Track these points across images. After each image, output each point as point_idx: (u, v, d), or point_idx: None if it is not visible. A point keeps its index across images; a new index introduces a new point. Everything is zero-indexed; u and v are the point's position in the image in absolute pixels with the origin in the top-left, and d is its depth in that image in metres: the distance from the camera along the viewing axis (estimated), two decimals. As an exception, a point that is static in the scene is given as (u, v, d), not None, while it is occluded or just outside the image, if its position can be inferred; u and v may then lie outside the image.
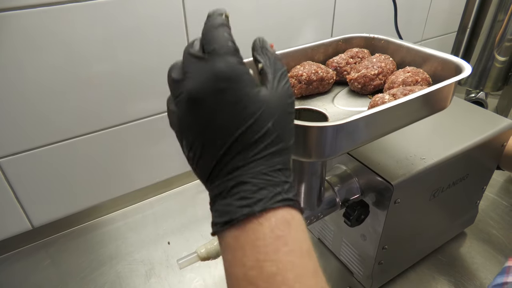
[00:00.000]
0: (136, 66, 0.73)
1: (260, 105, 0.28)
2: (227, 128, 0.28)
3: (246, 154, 0.28)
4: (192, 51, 0.30)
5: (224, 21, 0.31)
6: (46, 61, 0.64)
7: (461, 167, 0.60)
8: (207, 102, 0.28)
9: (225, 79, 0.28)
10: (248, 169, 0.28)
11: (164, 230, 0.82)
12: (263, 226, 0.27)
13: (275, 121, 0.29)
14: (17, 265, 0.75)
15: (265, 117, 0.28)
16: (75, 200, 0.80)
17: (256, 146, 0.28)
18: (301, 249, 0.28)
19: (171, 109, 0.31)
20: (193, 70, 0.29)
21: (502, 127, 0.61)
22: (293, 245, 0.28)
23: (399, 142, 0.59)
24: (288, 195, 0.29)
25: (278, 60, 0.32)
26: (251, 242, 0.27)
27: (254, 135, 0.28)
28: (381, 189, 0.52)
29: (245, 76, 0.28)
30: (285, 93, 0.30)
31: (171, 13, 0.71)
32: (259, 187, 0.28)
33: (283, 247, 0.27)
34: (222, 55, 0.28)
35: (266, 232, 0.27)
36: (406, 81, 0.48)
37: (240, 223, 0.28)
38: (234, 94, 0.28)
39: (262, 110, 0.28)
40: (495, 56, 0.94)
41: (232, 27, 0.32)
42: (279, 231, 0.28)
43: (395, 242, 0.60)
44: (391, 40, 0.58)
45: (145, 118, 0.79)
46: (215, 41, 0.29)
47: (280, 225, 0.28)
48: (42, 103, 0.66)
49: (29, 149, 0.69)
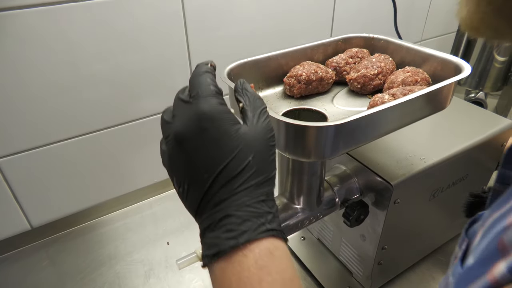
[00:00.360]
0: (135, 66, 0.73)
1: (239, 142, 0.31)
2: (211, 164, 0.30)
3: (230, 187, 0.30)
4: (180, 96, 0.33)
5: (209, 69, 0.34)
6: (45, 61, 0.64)
7: (460, 167, 0.60)
8: (192, 140, 0.31)
9: (207, 118, 0.30)
10: (232, 201, 0.30)
11: (163, 230, 0.81)
12: (248, 258, 0.29)
13: (254, 155, 0.31)
14: (16, 265, 0.75)
15: (245, 152, 0.31)
16: (74, 200, 0.80)
17: (238, 179, 0.30)
18: (284, 278, 0.30)
19: (162, 149, 0.34)
20: (180, 112, 0.32)
21: (502, 127, 0.61)
22: (276, 275, 0.29)
23: (398, 142, 0.59)
24: (271, 225, 0.30)
25: (258, 99, 0.34)
26: (237, 274, 0.29)
27: (235, 169, 0.30)
28: (381, 189, 0.52)
29: (225, 115, 0.31)
30: (265, 128, 0.32)
31: (170, 13, 0.71)
32: (243, 219, 0.30)
33: (266, 277, 0.29)
34: (204, 98, 0.31)
35: (250, 264, 0.29)
36: (406, 81, 0.48)
37: (226, 255, 0.29)
38: (216, 132, 0.30)
39: (241, 146, 0.30)
40: (495, 56, 0.94)
41: (231, 27, 0.33)
42: (263, 261, 0.29)
43: (395, 242, 0.60)
44: (390, 40, 0.57)
45: (145, 118, 0.79)
46: (199, 86, 0.32)
47: (263, 256, 0.29)
48: (41, 103, 0.66)
49: (28, 149, 0.69)
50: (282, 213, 0.51)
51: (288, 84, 0.52)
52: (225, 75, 0.47)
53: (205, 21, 0.76)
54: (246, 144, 0.31)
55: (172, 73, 0.77)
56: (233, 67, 0.50)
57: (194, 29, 0.75)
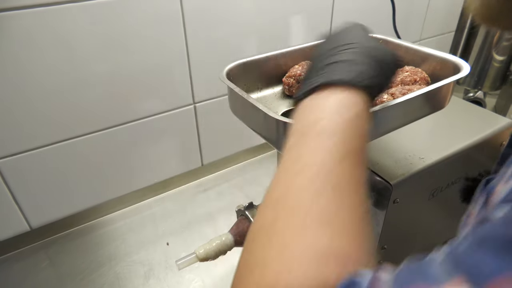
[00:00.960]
0: (135, 66, 0.73)
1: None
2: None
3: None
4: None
5: None
6: (45, 61, 0.63)
7: (460, 167, 0.60)
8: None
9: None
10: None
11: (163, 231, 0.81)
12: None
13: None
14: (15, 266, 0.74)
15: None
16: (74, 200, 0.80)
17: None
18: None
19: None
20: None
21: (501, 126, 0.61)
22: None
23: (397, 141, 0.59)
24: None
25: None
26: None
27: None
28: (380, 189, 0.52)
29: None
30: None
31: (169, 14, 0.71)
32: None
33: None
34: None
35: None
36: (405, 81, 0.48)
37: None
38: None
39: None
40: (494, 56, 0.94)
41: (230, 28, 0.33)
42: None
43: (394, 242, 0.60)
44: (389, 40, 0.57)
45: (144, 118, 0.79)
46: None
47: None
48: (41, 103, 0.66)
49: (27, 149, 0.69)
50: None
51: (287, 84, 0.52)
52: (224, 75, 0.47)
53: (204, 21, 0.76)
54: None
55: (171, 73, 0.77)
56: (232, 67, 0.50)
57: (193, 29, 0.75)
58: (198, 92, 0.83)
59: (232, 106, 0.49)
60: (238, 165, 1.01)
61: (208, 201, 0.89)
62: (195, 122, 0.87)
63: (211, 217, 0.84)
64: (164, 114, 0.81)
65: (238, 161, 1.02)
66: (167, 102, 0.80)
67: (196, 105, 0.84)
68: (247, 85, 0.53)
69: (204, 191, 0.93)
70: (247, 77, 0.52)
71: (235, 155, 0.99)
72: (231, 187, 0.94)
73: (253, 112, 0.42)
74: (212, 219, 0.84)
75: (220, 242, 0.48)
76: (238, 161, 1.02)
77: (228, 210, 0.86)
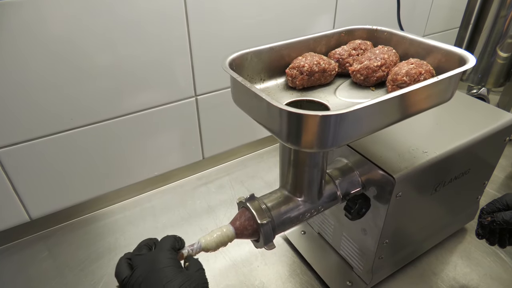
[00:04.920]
0: (135, 59, 0.72)
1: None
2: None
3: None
4: None
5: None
6: (45, 53, 0.63)
7: (463, 162, 0.59)
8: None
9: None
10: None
11: (163, 223, 0.81)
12: None
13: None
14: (15, 257, 0.74)
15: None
16: (74, 192, 0.80)
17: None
18: None
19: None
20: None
21: (505, 121, 0.61)
22: None
23: (401, 135, 0.58)
24: None
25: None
26: None
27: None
28: (383, 183, 0.52)
29: None
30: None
31: (171, 6, 0.70)
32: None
33: None
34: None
35: None
36: (410, 73, 0.47)
37: None
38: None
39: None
40: (498, 52, 0.94)
41: (233, 19, 0.32)
42: None
43: (396, 237, 0.59)
44: (394, 32, 0.57)
45: (145, 110, 0.79)
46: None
47: None
48: (41, 94, 0.66)
49: (28, 140, 0.69)
50: (283, 206, 0.51)
51: (290, 76, 0.51)
52: (226, 65, 0.46)
53: (207, 13, 0.75)
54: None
55: (173, 65, 0.77)
56: (235, 57, 0.49)
57: (195, 22, 0.74)
58: (200, 85, 0.82)
59: (234, 97, 0.48)
60: (239, 159, 1.01)
61: (209, 194, 0.89)
62: (197, 115, 0.86)
63: (212, 210, 0.84)
64: (165, 106, 0.80)
65: (239, 155, 1.01)
66: (168, 94, 0.79)
67: (198, 97, 0.84)
68: (250, 76, 0.52)
69: (204, 184, 0.92)
70: (250, 68, 0.52)
71: (236, 148, 0.99)
72: (232, 180, 0.93)
73: (256, 102, 0.41)
74: (213, 212, 0.84)
75: (220, 234, 0.47)
76: (239, 155, 1.01)
77: (229, 203, 0.86)
